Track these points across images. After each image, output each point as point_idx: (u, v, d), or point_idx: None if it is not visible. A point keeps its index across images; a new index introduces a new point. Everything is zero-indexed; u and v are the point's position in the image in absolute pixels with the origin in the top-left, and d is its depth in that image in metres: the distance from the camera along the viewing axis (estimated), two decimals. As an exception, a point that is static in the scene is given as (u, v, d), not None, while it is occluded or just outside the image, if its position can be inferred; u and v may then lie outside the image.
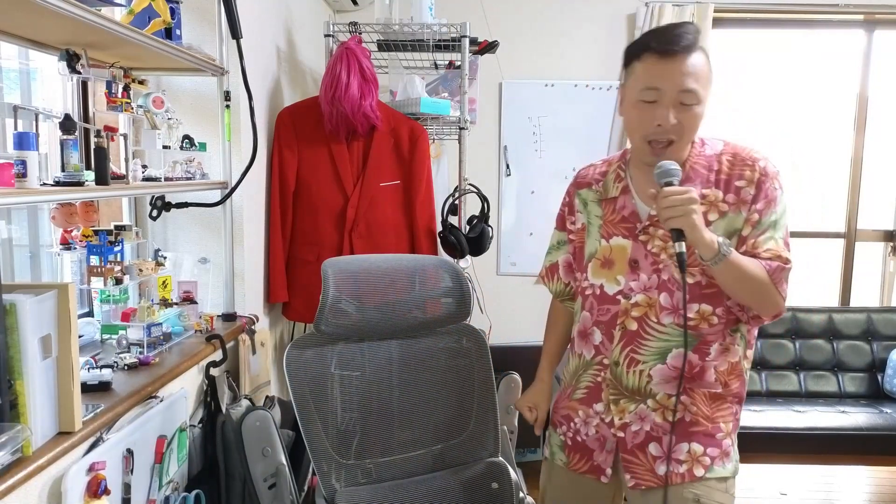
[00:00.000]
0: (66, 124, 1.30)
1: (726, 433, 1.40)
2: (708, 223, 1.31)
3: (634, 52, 1.32)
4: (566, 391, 1.54)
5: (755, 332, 1.44)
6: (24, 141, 1.14)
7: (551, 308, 1.68)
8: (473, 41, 2.53)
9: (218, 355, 1.76)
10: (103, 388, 1.36)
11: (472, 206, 2.54)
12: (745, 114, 3.60)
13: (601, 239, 1.45)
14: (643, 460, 1.40)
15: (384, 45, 2.58)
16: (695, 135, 1.34)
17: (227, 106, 1.87)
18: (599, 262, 1.45)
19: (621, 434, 1.41)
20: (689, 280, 1.34)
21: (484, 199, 2.43)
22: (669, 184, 1.25)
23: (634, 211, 1.41)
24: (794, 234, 1.41)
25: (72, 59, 1.38)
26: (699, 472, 1.37)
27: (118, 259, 1.55)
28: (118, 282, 1.52)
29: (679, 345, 1.35)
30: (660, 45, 1.26)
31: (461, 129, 2.50)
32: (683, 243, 1.24)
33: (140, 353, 1.55)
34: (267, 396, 1.97)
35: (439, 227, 2.44)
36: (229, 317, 1.95)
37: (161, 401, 1.51)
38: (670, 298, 1.35)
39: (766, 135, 3.62)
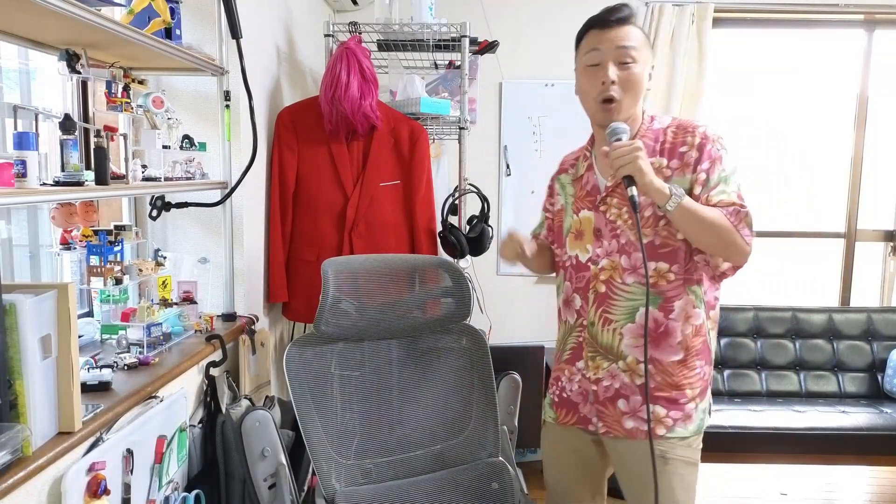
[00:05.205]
0: (66, 124, 1.30)
1: (691, 398, 1.52)
2: None
3: (580, 34, 1.53)
4: (555, 357, 1.68)
5: (714, 292, 1.54)
6: (23, 141, 1.14)
7: None
8: (473, 41, 2.53)
9: (218, 355, 1.76)
10: (103, 388, 1.36)
11: (472, 206, 2.54)
12: (744, 114, 3.60)
13: (573, 214, 1.62)
14: (612, 412, 1.55)
15: (384, 45, 2.58)
16: (638, 95, 1.47)
17: (227, 106, 1.87)
18: (573, 234, 1.61)
19: (594, 388, 1.56)
20: (644, 240, 1.47)
21: (484, 199, 2.42)
22: (619, 140, 1.41)
23: (595, 185, 1.58)
24: (794, 235, 1.43)
25: (72, 59, 1.38)
26: (661, 431, 1.51)
27: (118, 259, 1.55)
28: (118, 282, 1.52)
29: (644, 304, 1.48)
30: (598, 21, 1.48)
31: (461, 129, 2.50)
32: (634, 188, 1.38)
33: (140, 353, 1.55)
34: (267, 396, 1.97)
35: (439, 227, 2.44)
36: (229, 317, 1.95)
37: (161, 401, 1.51)
38: (629, 259, 1.50)
39: (766, 135, 3.62)
